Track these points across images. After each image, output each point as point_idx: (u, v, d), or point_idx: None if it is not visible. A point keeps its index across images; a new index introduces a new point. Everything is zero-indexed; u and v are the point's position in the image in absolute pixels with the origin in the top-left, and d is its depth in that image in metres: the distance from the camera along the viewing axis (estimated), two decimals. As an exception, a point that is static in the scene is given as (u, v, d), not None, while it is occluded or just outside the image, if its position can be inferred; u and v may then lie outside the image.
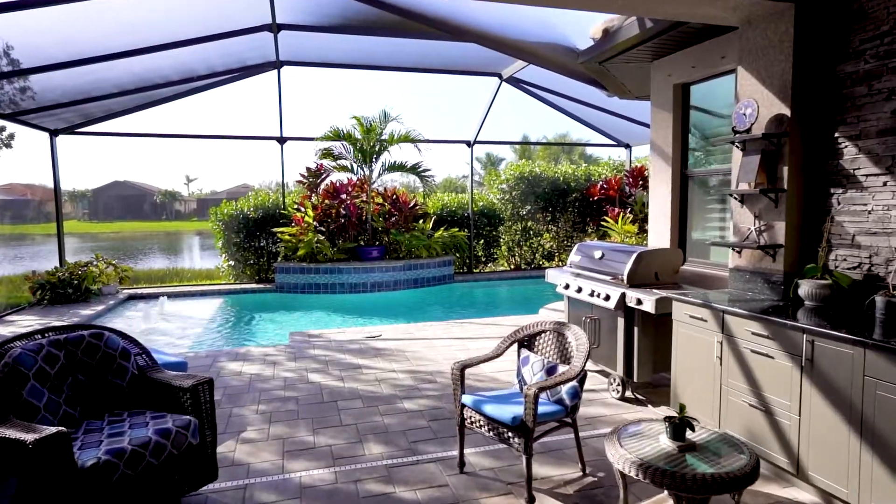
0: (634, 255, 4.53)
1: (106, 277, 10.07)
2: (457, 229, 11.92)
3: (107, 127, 10.30)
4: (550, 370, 3.34)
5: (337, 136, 10.92)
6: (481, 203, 13.14)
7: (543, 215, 13.58)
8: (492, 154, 45.05)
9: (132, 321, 8.40)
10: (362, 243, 11.40)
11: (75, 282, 9.13)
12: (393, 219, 11.44)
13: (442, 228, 11.74)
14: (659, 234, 5.43)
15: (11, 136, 14.20)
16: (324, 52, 9.45)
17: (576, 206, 13.70)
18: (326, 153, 11.25)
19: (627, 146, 13.58)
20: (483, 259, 13.45)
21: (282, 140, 11.10)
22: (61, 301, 8.99)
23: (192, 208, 69.34)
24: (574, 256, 5.31)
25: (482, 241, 13.25)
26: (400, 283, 10.81)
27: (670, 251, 4.75)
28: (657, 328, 4.42)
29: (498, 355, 3.56)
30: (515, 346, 3.70)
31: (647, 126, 12.39)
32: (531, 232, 13.70)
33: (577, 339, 3.32)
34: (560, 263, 13.92)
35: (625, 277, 4.52)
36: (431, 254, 11.41)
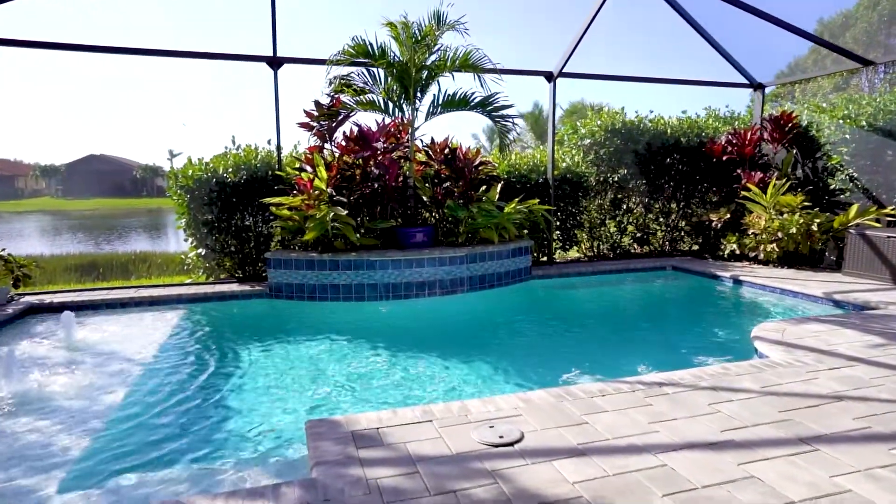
0: None
1: (-10, 277, 6.20)
2: (536, 201, 8.03)
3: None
4: None
5: (363, 52, 6.95)
6: (562, 164, 9.25)
7: (638, 183, 9.78)
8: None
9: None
10: (399, 221, 7.55)
11: (-84, 289, 5.25)
12: (446, 184, 7.57)
13: (516, 200, 7.82)
14: None
15: None
16: None
17: (678, 169, 9.89)
18: (344, 83, 7.32)
19: (760, 86, 9.71)
20: (559, 243, 9.64)
21: (275, 61, 7.13)
22: None
23: (175, 184, 65.00)
24: None
25: (560, 218, 9.44)
26: (460, 281, 7.01)
27: None
28: None
29: None
30: None
31: (813, 39, 8.13)
32: (623, 205, 9.91)
33: None
34: (654, 249, 10.15)
35: None
36: (503, 237, 7.58)
